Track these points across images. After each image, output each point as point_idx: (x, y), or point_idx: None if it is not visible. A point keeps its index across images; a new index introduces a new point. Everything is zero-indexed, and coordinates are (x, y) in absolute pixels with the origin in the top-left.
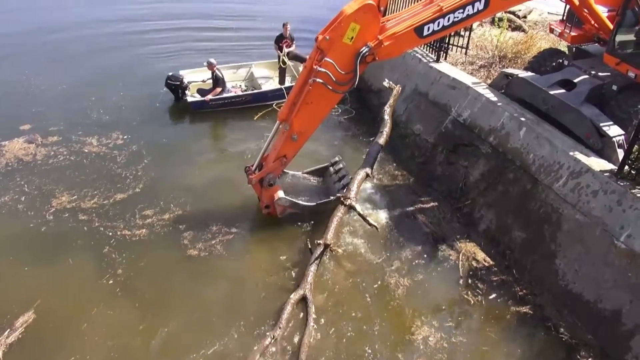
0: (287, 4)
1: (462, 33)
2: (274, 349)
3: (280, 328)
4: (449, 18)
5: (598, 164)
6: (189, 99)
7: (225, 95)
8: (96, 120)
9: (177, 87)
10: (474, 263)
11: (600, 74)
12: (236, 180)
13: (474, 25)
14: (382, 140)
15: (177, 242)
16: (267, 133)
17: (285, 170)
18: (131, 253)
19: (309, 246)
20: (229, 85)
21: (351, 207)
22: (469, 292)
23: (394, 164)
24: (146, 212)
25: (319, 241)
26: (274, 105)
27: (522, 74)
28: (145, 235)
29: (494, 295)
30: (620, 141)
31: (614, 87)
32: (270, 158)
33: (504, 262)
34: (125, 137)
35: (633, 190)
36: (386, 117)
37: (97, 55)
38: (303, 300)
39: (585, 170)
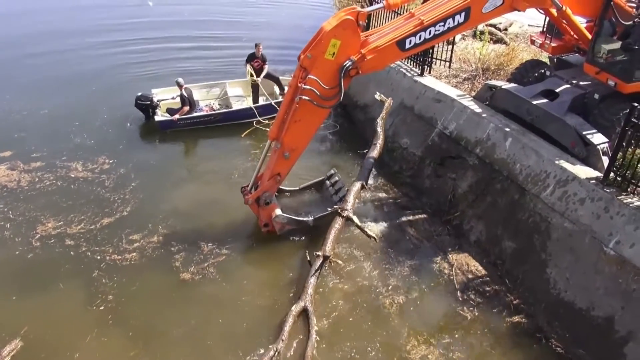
0: (274, 27)
1: (445, 47)
2: None
3: (282, 341)
4: (430, 31)
5: (584, 172)
6: (157, 118)
7: (194, 114)
8: (80, 145)
9: (147, 106)
10: (466, 275)
11: (582, 83)
12: (225, 200)
13: (457, 39)
14: (375, 152)
15: (168, 266)
16: (253, 151)
17: (281, 187)
18: (122, 278)
19: (308, 258)
20: (202, 104)
21: (348, 219)
22: (464, 306)
23: (383, 178)
24: (135, 236)
25: (318, 253)
26: (254, 123)
27: (506, 85)
28: (136, 259)
29: (487, 307)
30: (605, 149)
31: (596, 96)
32: (265, 177)
33: (496, 272)
34: (111, 161)
35: (619, 197)
36: (379, 129)
37: (79, 76)
38: (304, 312)
39: (572, 178)
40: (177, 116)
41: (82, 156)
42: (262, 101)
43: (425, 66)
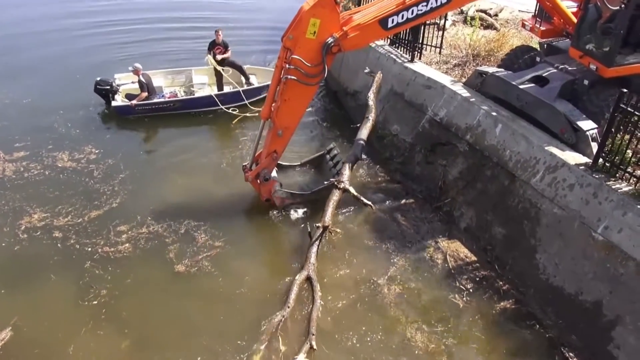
0: (263, 10)
1: (436, 32)
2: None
3: (288, 307)
4: (412, 10)
5: (573, 158)
6: (114, 103)
7: (153, 100)
8: (65, 134)
9: (107, 91)
10: (457, 262)
11: (571, 69)
12: (214, 190)
13: (447, 25)
14: (368, 124)
15: (162, 258)
16: (243, 138)
17: (282, 163)
18: (115, 270)
19: (309, 230)
20: (167, 90)
21: (345, 190)
22: (455, 293)
23: (373, 165)
24: (126, 227)
25: (317, 224)
26: (230, 110)
27: (496, 71)
28: (129, 251)
29: (478, 293)
30: (594, 135)
31: (586, 82)
32: (262, 155)
33: (486, 258)
34: (97, 150)
35: (608, 183)
36: (370, 103)
37: (62, 62)
38: (308, 280)
39: (561, 164)
40: (134, 102)
41: (69, 146)
42: (227, 89)
43: (416, 52)
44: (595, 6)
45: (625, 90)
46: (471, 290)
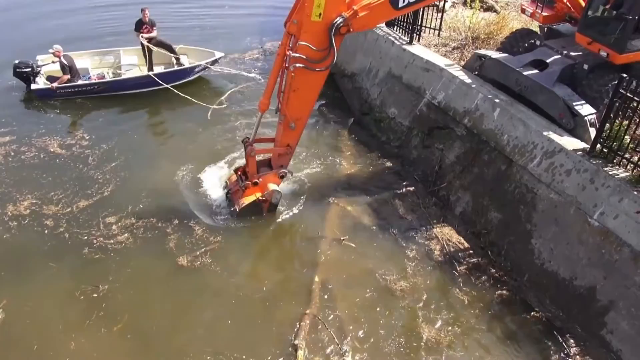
0: None
1: (435, 14)
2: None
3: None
4: None
5: (571, 143)
6: (33, 86)
7: (77, 82)
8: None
9: (27, 74)
10: (453, 247)
11: (571, 53)
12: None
13: (447, 6)
14: None
15: (163, 250)
16: (230, 123)
17: None
18: (114, 261)
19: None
20: (93, 72)
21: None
22: (450, 280)
23: (370, 149)
24: (119, 216)
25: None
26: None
27: (495, 55)
28: (129, 242)
29: (472, 280)
30: (592, 120)
31: (585, 67)
32: (275, 152)
33: (481, 244)
34: (90, 136)
35: (605, 168)
36: None
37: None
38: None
39: (559, 149)
40: (55, 84)
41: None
42: (158, 70)
43: (414, 34)
44: None
45: (624, 75)
46: (465, 276)
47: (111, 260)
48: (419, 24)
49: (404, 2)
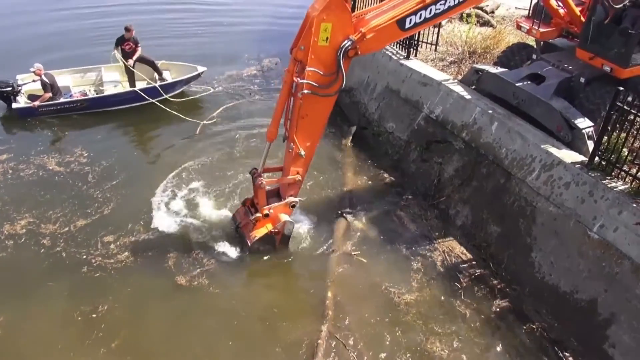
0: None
1: (432, 29)
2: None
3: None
4: (430, 10)
5: (569, 156)
6: (14, 105)
7: (59, 100)
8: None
9: (8, 93)
10: (454, 260)
11: (568, 67)
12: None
13: (443, 22)
14: None
15: (162, 269)
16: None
17: None
18: (114, 279)
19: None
20: (75, 89)
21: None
22: (451, 293)
23: (369, 163)
24: (118, 235)
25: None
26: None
27: (492, 69)
28: (128, 261)
29: (473, 292)
30: (590, 133)
31: (582, 80)
32: (284, 182)
33: (482, 256)
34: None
35: (604, 181)
36: None
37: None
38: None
39: (557, 162)
40: (37, 103)
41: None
42: (140, 85)
43: (412, 49)
44: (602, 5)
45: (621, 88)
46: (466, 289)
47: (111, 279)
48: (416, 38)
49: (410, 22)
